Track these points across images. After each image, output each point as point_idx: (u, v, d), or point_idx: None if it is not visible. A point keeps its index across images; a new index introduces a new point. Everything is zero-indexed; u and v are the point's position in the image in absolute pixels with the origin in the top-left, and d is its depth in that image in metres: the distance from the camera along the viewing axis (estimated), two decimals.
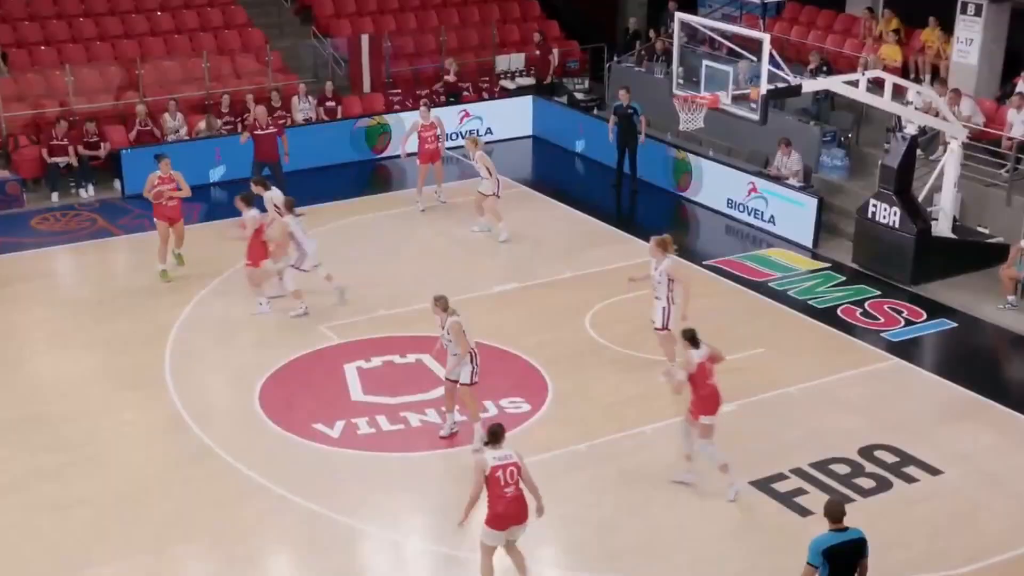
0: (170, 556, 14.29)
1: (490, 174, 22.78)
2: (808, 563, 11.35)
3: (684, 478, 15.50)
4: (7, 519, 14.94)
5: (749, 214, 24.39)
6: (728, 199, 24.86)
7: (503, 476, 12.75)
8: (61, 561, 14.17)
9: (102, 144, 25.97)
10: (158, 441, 16.65)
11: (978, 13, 24.38)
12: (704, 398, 15.03)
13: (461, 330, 15.85)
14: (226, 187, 25.03)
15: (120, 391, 17.89)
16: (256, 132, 24.29)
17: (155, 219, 21.31)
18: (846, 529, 11.48)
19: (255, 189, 20.62)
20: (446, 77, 29.75)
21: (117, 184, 25.63)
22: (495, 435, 12.91)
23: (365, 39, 29.69)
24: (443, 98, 29.59)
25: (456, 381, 16.21)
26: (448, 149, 26.58)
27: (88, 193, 25.60)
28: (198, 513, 15.11)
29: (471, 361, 16.05)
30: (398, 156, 26.31)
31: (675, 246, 17.60)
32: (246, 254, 19.91)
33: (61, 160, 25.44)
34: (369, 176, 27.66)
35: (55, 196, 25.34)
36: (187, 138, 26.47)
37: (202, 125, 26.77)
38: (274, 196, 20.56)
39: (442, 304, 15.99)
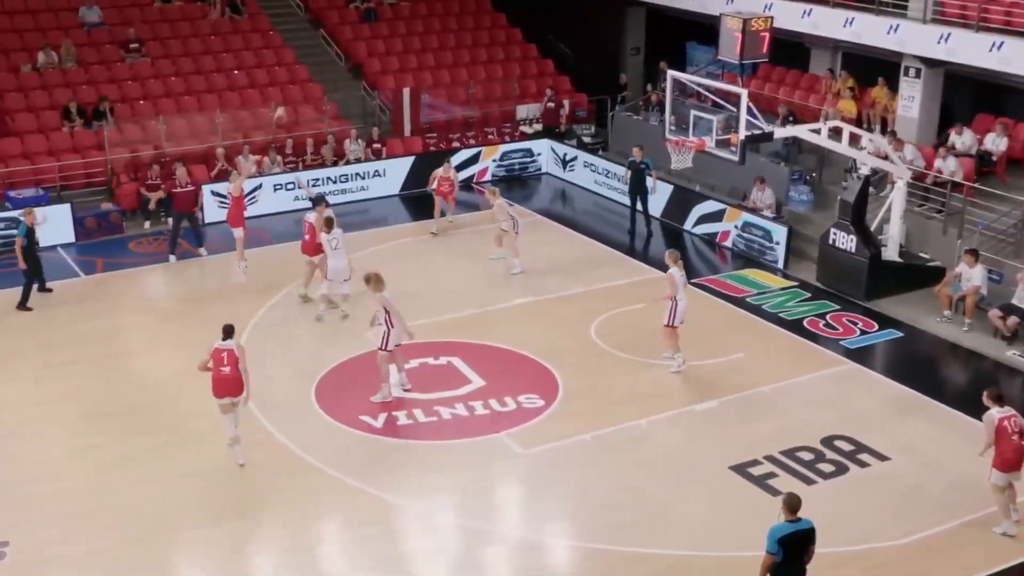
0: (245, 524, 14.36)
1: (508, 216, 22.42)
2: (767, 551, 11.25)
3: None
4: (113, 492, 15.03)
5: (730, 240, 24.36)
6: (713, 228, 24.82)
7: (225, 358, 15.13)
8: (157, 525, 14.28)
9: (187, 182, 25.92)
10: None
11: (918, 76, 24.56)
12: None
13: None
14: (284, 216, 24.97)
15: (202, 385, 17.39)
16: (175, 190, 23.69)
17: None
18: (799, 520, 11.38)
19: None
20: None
21: (199, 214, 25.61)
22: (227, 331, 15.30)
23: (406, 92, 29.71)
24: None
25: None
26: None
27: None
28: (260, 488, 15.21)
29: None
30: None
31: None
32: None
33: (153, 194, 25.50)
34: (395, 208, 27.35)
35: (147, 224, 25.43)
36: (257, 174, 26.51)
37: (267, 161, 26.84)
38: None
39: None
